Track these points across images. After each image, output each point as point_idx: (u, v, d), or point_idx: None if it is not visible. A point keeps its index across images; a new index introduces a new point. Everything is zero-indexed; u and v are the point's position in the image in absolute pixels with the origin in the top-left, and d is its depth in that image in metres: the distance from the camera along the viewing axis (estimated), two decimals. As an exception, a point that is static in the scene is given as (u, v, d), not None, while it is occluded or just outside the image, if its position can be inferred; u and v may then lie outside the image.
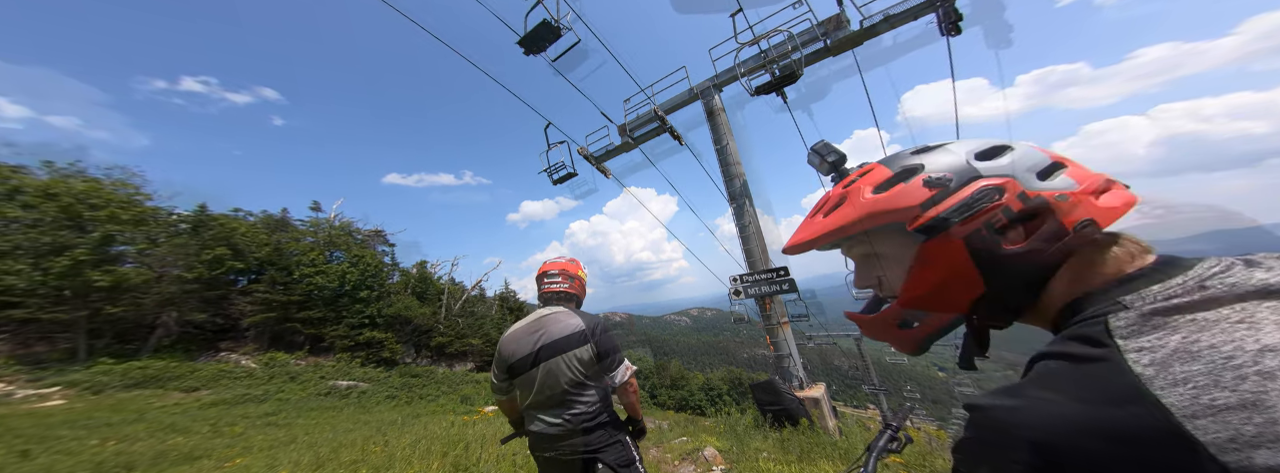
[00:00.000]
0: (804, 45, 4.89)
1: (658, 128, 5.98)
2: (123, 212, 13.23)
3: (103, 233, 12.62)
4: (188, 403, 9.21)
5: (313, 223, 21.15)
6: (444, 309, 23.11)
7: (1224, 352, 0.22)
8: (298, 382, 12.40)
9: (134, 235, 13.69)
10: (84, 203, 12.59)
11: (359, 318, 17.28)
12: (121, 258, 13.46)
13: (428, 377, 16.65)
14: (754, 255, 5.37)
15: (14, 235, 11.49)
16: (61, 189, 12.54)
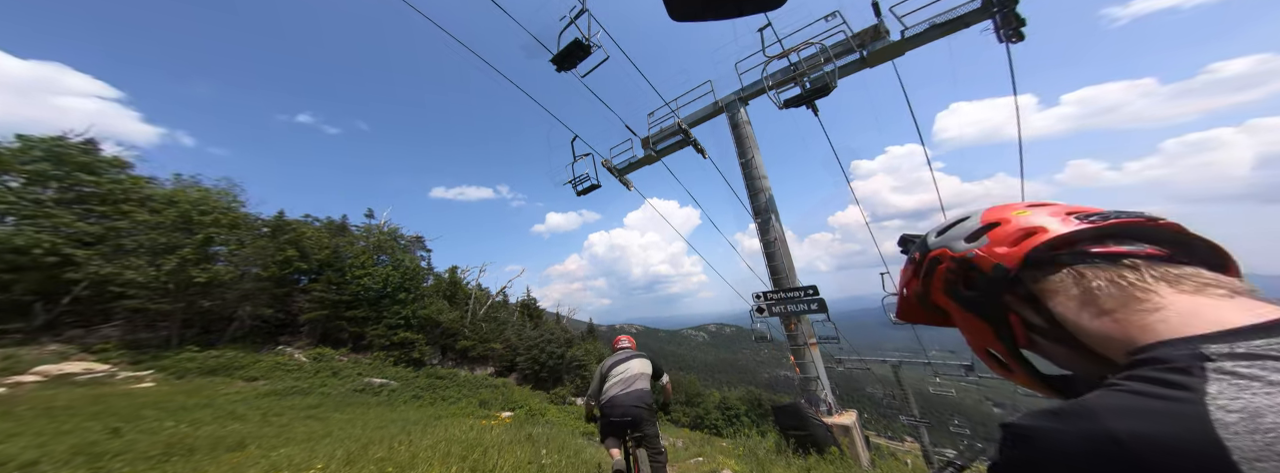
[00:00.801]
0: (837, 57, 4.79)
1: (681, 141, 6.08)
2: (223, 217, 15.70)
3: (205, 235, 15.02)
4: (247, 392, 10.50)
5: (365, 229, 23.52)
6: (470, 314, 24.44)
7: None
8: (339, 377, 13.65)
9: (228, 238, 16.10)
10: (196, 209, 15.12)
11: (396, 318, 18.76)
12: (216, 257, 15.83)
13: (451, 379, 17.55)
14: (780, 272, 5.22)
15: (140, 236, 13.99)
16: (181, 197, 15.20)
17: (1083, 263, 0.38)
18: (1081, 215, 0.42)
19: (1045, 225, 0.43)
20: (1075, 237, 0.40)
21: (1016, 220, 0.45)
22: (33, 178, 13.79)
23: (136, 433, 5.68)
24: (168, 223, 14.57)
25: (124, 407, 7.57)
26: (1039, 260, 0.40)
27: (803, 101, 4.90)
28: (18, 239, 11.81)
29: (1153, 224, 0.39)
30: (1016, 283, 0.41)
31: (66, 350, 11.27)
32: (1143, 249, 0.37)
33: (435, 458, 2.97)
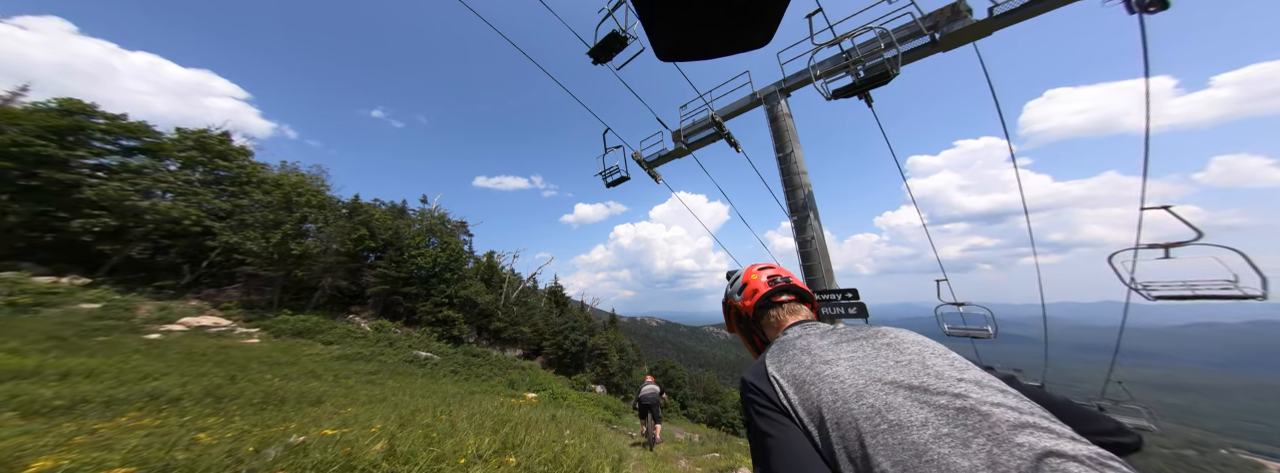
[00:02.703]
0: (902, 41, 4.34)
1: (714, 134, 5.94)
2: (314, 198, 18.58)
3: (301, 214, 17.93)
4: (324, 354, 12.55)
5: (420, 213, 26.22)
6: (504, 297, 26.42)
7: (777, 357, 0.72)
8: (393, 347, 15.72)
9: (317, 217, 19.01)
10: (295, 191, 18.07)
11: (441, 296, 20.93)
12: (307, 233, 18.80)
13: (484, 358, 19.34)
14: (816, 273, 4.97)
15: (256, 212, 17.02)
16: (285, 181, 18.21)
17: (770, 307, 0.90)
18: (773, 278, 0.93)
19: (758, 288, 0.92)
20: (769, 293, 0.90)
21: (752, 282, 0.94)
22: (186, 163, 17.34)
23: (246, 381, 7.12)
24: (275, 202, 17.60)
25: (239, 358, 9.48)
26: (757, 309, 0.91)
27: (855, 92, 4.48)
28: (174, 212, 15.04)
29: (790, 284, 0.91)
30: (751, 320, 0.93)
31: (202, 306, 14.29)
32: (788, 297, 0.90)
33: (471, 429, 3.16)
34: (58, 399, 4.02)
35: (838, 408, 0.54)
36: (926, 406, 0.50)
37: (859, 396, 0.54)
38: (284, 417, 4.11)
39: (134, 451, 2.00)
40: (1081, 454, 0.43)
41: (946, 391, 0.52)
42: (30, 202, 12.69)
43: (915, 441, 0.46)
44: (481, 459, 2.40)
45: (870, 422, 0.50)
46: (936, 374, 0.56)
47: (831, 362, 0.62)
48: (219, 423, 3.55)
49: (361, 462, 1.99)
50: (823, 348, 0.67)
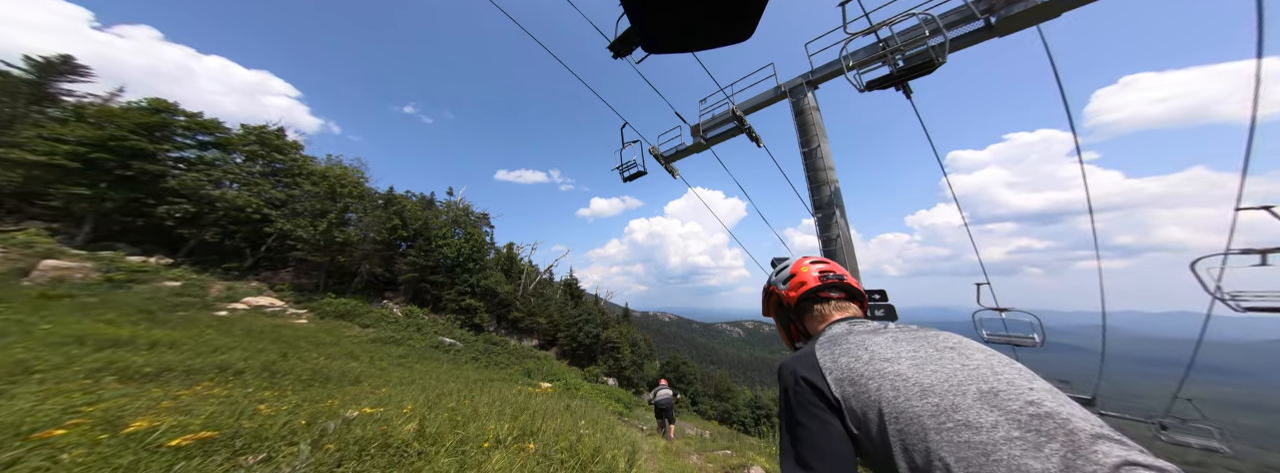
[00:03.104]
0: (950, 27, 4.07)
1: (734, 129, 5.84)
2: (355, 189, 20.07)
3: (344, 204, 19.44)
4: (361, 336, 13.68)
5: (447, 204, 27.56)
6: (521, 288, 27.42)
7: (827, 348, 0.75)
8: (421, 332, 16.84)
9: (358, 207, 20.53)
10: (339, 183, 19.59)
11: (465, 285, 22.08)
12: (348, 222, 20.35)
13: (503, 346, 20.29)
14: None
15: (306, 202, 18.62)
16: (330, 173, 19.77)
17: (817, 301, 0.93)
18: (823, 273, 0.94)
19: (806, 281, 0.94)
20: (818, 286, 0.93)
21: (800, 274, 0.96)
22: (249, 156, 19.21)
23: (297, 359, 7.92)
24: (322, 193, 19.16)
25: (290, 336, 10.55)
26: (800, 300, 0.95)
27: (892, 82, 4.21)
28: (239, 200, 16.76)
29: (841, 282, 0.93)
30: (792, 310, 0.96)
31: (261, 287, 15.93)
32: (836, 294, 0.93)
33: (491, 414, 3.28)
34: (147, 367, 4.68)
35: (899, 404, 0.55)
36: (996, 409, 0.50)
37: (923, 394, 0.55)
38: (328, 394, 4.41)
39: (211, 417, 2.22)
40: (1157, 466, 0.43)
41: (1019, 397, 0.52)
42: (125, 190, 14.59)
43: (984, 441, 0.47)
44: (502, 445, 2.50)
45: (935, 419, 0.51)
46: (1008, 382, 0.55)
47: (892, 359, 0.63)
48: (274, 396, 3.88)
49: (396, 440, 2.14)
50: (881, 345, 0.68)
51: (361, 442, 2.01)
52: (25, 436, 1.69)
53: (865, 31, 4.35)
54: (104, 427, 1.88)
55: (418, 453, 2.05)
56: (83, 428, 1.85)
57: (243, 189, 17.74)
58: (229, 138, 18.46)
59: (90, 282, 11.13)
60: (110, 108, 15.85)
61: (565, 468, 2.33)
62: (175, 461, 1.46)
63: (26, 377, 3.40)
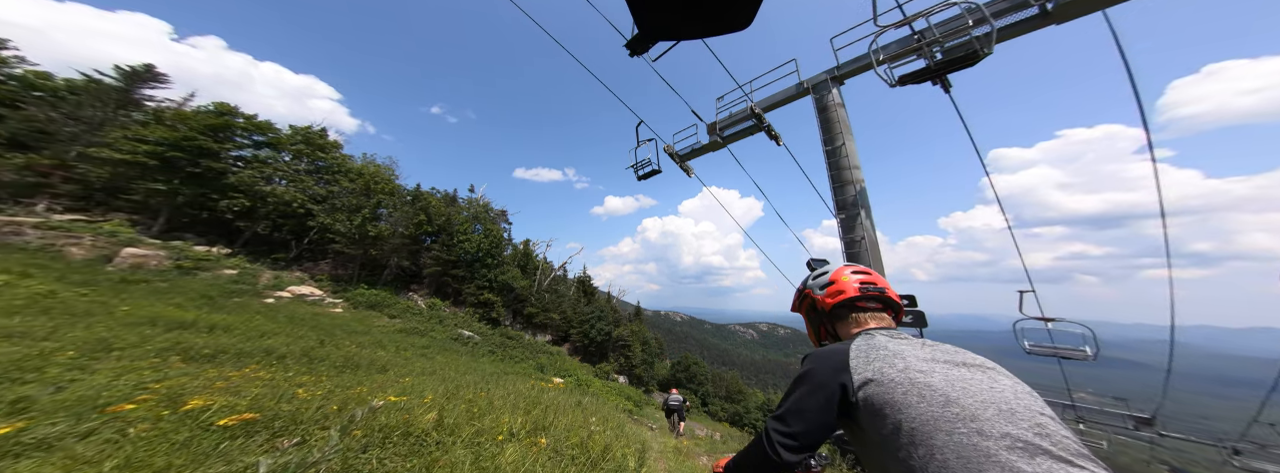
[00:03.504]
0: (998, 16, 3.82)
1: (752, 127, 5.73)
2: (387, 186, 21.39)
3: (377, 200, 20.76)
4: (389, 326, 14.59)
5: (468, 201, 28.71)
6: (537, 284, 28.16)
7: (861, 349, 0.82)
8: (443, 325, 17.71)
9: (389, 203, 21.85)
10: (373, 180, 20.94)
11: (483, 280, 22.98)
12: (380, 217, 21.70)
13: (518, 341, 20.97)
14: None
15: (344, 198, 20.03)
16: (365, 171, 21.17)
17: (851, 310, 0.99)
18: (864, 285, 0.99)
19: (845, 290, 1.00)
20: (856, 296, 0.98)
21: (839, 282, 1.02)
22: (296, 154, 20.90)
23: (332, 346, 8.58)
24: (357, 189, 20.56)
25: (327, 324, 11.43)
26: (836, 310, 1.01)
27: (930, 76, 3.95)
28: (286, 196, 18.28)
29: (881, 294, 0.98)
30: (826, 314, 1.03)
31: (303, 277, 17.32)
32: (873, 305, 0.98)
33: (506, 407, 3.35)
34: (206, 348, 5.24)
35: (922, 408, 0.64)
36: (1011, 425, 0.60)
37: (947, 404, 0.64)
38: (358, 381, 4.63)
39: (256, 399, 2.41)
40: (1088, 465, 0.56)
41: (1029, 419, 0.62)
42: (194, 185, 16.29)
43: (990, 446, 0.57)
44: (516, 438, 2.58)
45: (950, 424, 0.61)
46: (1026, 406, 0.65)
47: (925, 372, 0.71)
48: (311, 381, 4.17)
49: (417, 429, 2.24)
50: (917, 357, 0.76)
51: (386, 429, 2.13)
52: (101, 408, 1.90)
53: (898, 23, 4.14)
54: (166, 403, 2.09)
55: (436, 443, 2.15)
56: (149, 404, 2.04)
57: (290, 185, 19.33)
58: (279, 138, 20.14)
59: (162, 268, 12.55)
60: (183, 111, 17.71)
61: (576, 465, 2.35)
62: (222, 439, 1.63)
63: (107, 354, 3.89)
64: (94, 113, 16.08)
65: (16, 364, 2.71)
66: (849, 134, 5.06)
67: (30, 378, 2.47)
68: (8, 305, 5.46)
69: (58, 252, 11.42)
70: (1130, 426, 10.42)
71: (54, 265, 10.30)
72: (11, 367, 2.64)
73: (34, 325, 4.48)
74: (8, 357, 2.88)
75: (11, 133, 14.38)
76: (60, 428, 1.58)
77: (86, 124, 15.70)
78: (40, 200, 13.95)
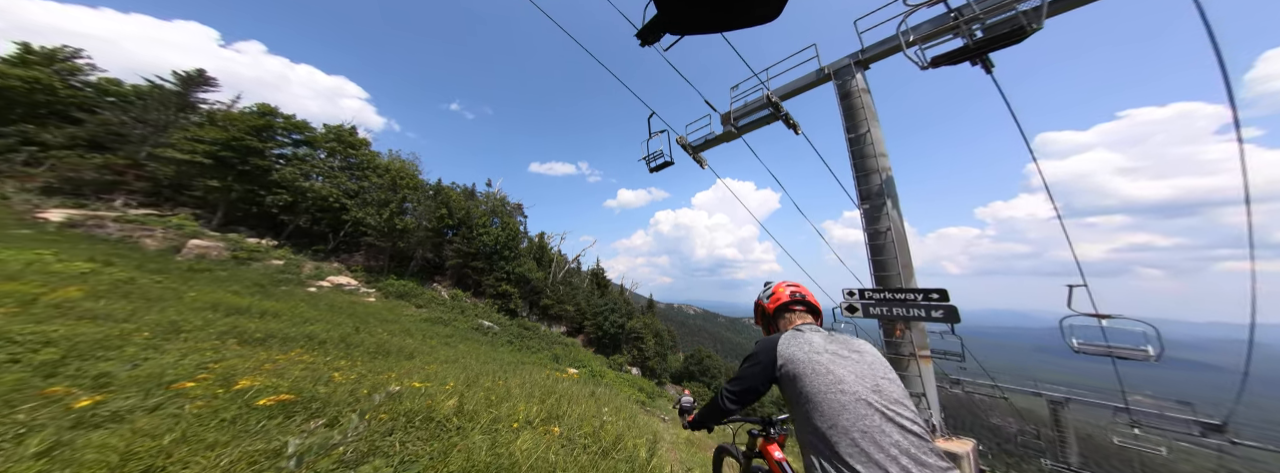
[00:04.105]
0: None
1: (769, 116, 5.59)
2: (411, 181, 22.47)
3: (403, 195, 21.88)
4: (416, 316, 15.59)
5: (486, 195, 29.63)
6: (552, 276, 28.93)
7: (787, 339, 1.21)
8: (465, 315, 18.70)
9: (414, 197, 22.98)
10: (399, 175, 22.04)
11: (502, 272, 23.90)
12: (406, 211, 22.88)
13: (534, 332, 21.83)
14: (890, 270, 4.55)
15: (373, 193, 21.24)
16: (392, 167, 22.29)
17: (786, 311, 1.41)
18: (793, 294, 1.41)
19: (781, 298, 1.42)
20: (788, 302, 1.41)
21: (777, 293, 1.45)
22: (330, 152, 22.27)
23: (366, 333, 9.33)
24: (385, 184, 21.73)
25: (361, 312, 12.39)
26: (774, 311, 1.43)
27: (969, 56, 3.67)
28: (323, 191, 19.62)
29: (804, 300, 1.41)
30: (769, 316, 1.46)
31: (340, 268, 18.69)
32: (799, 308, 1.41)
33: (522, 396, 3.42)
34: (258, 333, 5.84)
35: (814, 378, 1.03)
36: (860, 387, 1.00)
37: (828, 374, 1.04)
38: (388, 367, 4.92)
39: (295, 381, 2.65)
40: (916, 430, 0.94)
41: (872, 384, 1.03)
42: (245, 182, 17.77)
43: (846, 401, 0.96)
44: (530, 426, 2.70)
45: (827, 387, 1.00)
46: (874, 375, 1.06)
47: (821, 355, 1.10)
48: (347, 365, 4.46)
49: (438, 414, 2.38)
50: (820, 346, 1.14)
51: (409, 414, 2.31)
52: (167, 385, 2.13)
53: (930, 1, 3.91)
54: (221, 382, 2.37)
55: (456, 428, 2.29)
56: (207, 382, 2.24)
57: (326, 181, 20.70)
58: (314, 136, 21.47)
59: (221, 258, 13.94)
60: (232, 113, 19.20)
61: (588, 453, 2.41)
62: (264, 418, 1.84)
63: (176, 335, 4.43)
64: (158, 116, 17.75)
65: (100, 343, 3.06)
66: (874, 121, 4.90)
67: (112, 355, 2.80)
68: (94, 290, 6.25)
69: (135, 243, 12.93)
70: (1196, 432, 9.59)
71: (132, 255, 11.70)
72: (97, 345, 2.99)
73: (115, 308, 5.11)
74: (94, 336, 3.22)
75: (91, 135, 16.18)
76: (131, 402, 1.78)
77: (153, 127, 17.38)
78: (118, 196, 15.74)
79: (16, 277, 6.22)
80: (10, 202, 12.55)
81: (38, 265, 7.60)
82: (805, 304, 1.40)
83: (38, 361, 2.48)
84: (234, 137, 17.35)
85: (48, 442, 1.25)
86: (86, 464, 1.15)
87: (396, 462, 1.63)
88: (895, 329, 4.40)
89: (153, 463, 1.22)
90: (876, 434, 0.89)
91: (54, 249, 9.27)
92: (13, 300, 4.43)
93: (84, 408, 1.67)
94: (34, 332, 3.09)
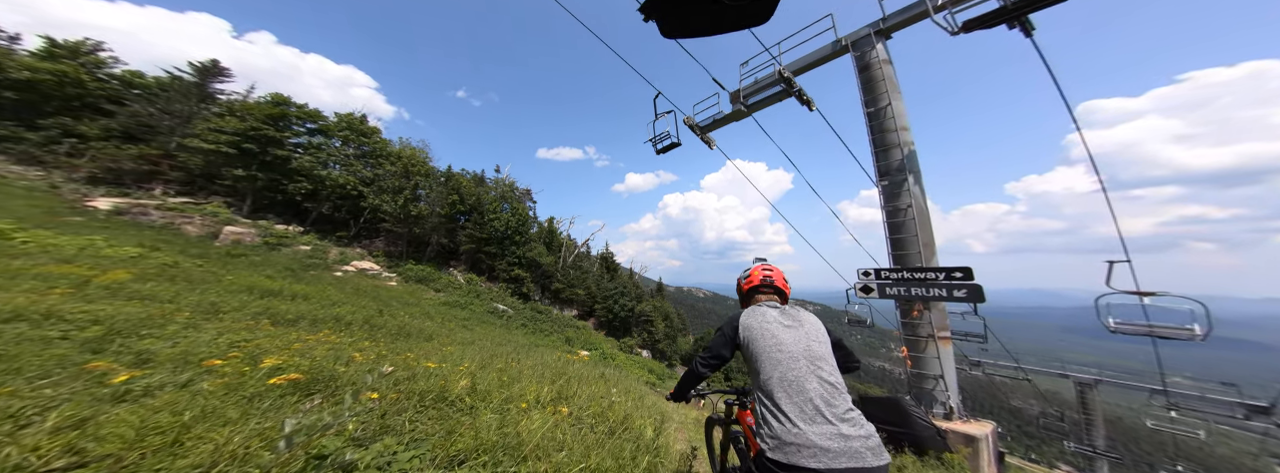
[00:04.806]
0: None
1: (781, 92, 5.37)
2: (423, 168, 22.76)
3: (416, 182, 22.27)
4: (434, 300, 16.29)
5: (496, 181, 29.81)
6: (562, 261, 29.43)
7: (748, 313, 1.54)
8: (480, 299, 19.42)
9: (426, 184, 23.37)
10: (410, 162, 22.33)
11: (513, 257, 24.46)
12: (420, 198, 23.37)
13: (546, 315, 22.55)
14: (909, 249, 4.41)
15: (388, 181, 21.69)
16: (404, 154, 22.56)
17: (757, 292, 1.70)
18: (763, 278, 1.68)
19: (754, 280, 1.69)
20: (758, 284, 1.68)
21: (753, 276, 1.71)
22: (343, 140, 22.65)
23: (387, 315, 9.85)
24: (398, 172, 22.11)
25: (384, 295, 13.01)
26: (748, 292, 1.72)
27: (1006, 17, 3.38)
28: (341, 179, 20.17)
29: (771, 283, 1.67)
30: (744, 294, 1.75)
31: (362, 253, 19.50)
32: (766, 289, 1.69)
33: (533, 377, 3.50)
34: (289, 314, 6.23)
35: (763, 342, 1.34)
36: (795, 348, 1.30)
37: (773, 338, 1.34)
38: (408, 348, 5.16)
39: (318, 360, 2.78)
40: (832, 381, 1.24)
41: (805, 346, 1.32)
42: (268, 171, 18.40)
43: (782, 358, 1.27)
44: (540, 405, 2.79)
45: (772, 350, 1.31)
46: (808, 338, 1.36)
47: (770, 323, 1.42)
48: (369, 346, 4.71)
49: (451, 394, 2.49)
50: (770, 317, 1.45)
51: (423, 393, 2.41)
52: (198, 362, 2.24)
53: None
54: (248, 361, 2.51)
55: (469, 408, 2.38)
56: (235, 360, 2.33)
57: (343, 170, 21.21)
58: (328, 125, 21.79)
59: (254, 244, 14.75)
60: (248, 103, 19.60)
61: (594, 433, 2.46)
62: (280, 396, 1.94)
63: (215, 316, 4.77)
64: (182, 107, 18.31)
65: (145, 322, 3.26)
66: (896, 93, 4.60)
67: (155, 334, 2.99)
68: (143, 273, 6.75)
69: (177, 229, 13.79)
70: (1239, 414, 9.10)
71: (175, 241, 12.50)
72: (142, 323, 3.19)
73: (161, 290, 5.52)
74: (140, 315, 3.46)
75: (123, 127, 16.92)
76: (161, 378, 1.88)
77: (178, 118, 18.00)
78: (156, 185, 16.65)
79: (70, 260, 6.75)
80: (61, 191, 13.47)
81: (90, 250, 8.22)
82: (772, 287, 1.68)
83: (83, 338, 2.67)
84: (252, 127, 17.79)
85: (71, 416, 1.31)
86: (105, 439, 1.19)
87: (406, 440, 1.66)
88: (913, 310, 4.25)
89: (173, 438, 1.26)
90: (803, 382, 1.20)
91: (104, 235, 10.00)
92: (67, 282, 4.81)
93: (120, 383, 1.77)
94: (83, 311, 3.33)
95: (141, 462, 1.14)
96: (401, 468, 1.42)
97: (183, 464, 1.15)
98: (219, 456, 1.19)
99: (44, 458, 1.07)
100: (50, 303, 3.41)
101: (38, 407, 1.38)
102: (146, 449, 1.19)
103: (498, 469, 1.62)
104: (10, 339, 2.38)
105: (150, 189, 16.38)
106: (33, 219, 10.18)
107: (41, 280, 4.69)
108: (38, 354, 2.13)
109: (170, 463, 1.15)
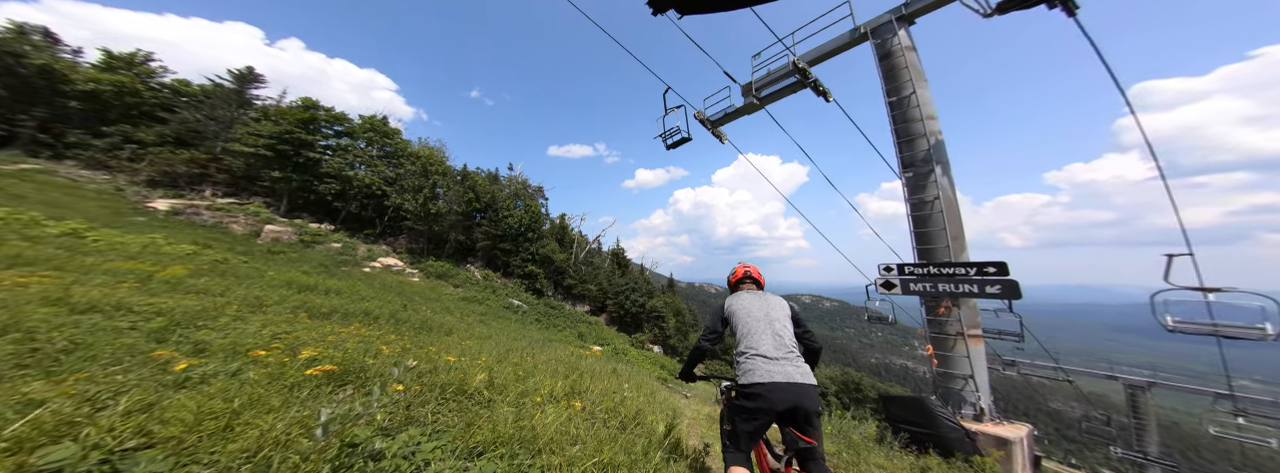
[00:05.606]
0: None
1: (795, 83, 5.19)
2: (440, 167, 23.53)
3: (434, 181, 23.07)
4: (454, 295, 16.93)
5: (509, 179, 30.37)
6: (574, 257, 29.81)
7: (732, 298, 2.18)
8: (496, 294, 20.02)
9: (443, 183, 24.16)
10: (429, 162, 23.13)
11: (527, 253, 25.00)
12: (438, 197, 24.20)
13: (559, 310, 23.01)
14: (936, 243, 4.23)
15: (408, 180, 22.55)
16: (422, 154, 23.37)
17: (741, 283, 2.38)
18: (744, 274, 2.38)
19: (737, 275, 2.41)
20: (741, 277, 2.39)
21: (737, 272, 2.42)
22: (368, 141, 23.69)
23: (411, 310, 10.33)
24: (417, 171, 22.95)
25: (409, 291, 13.64)
26: (735, 283, 2.40)
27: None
28: (366, 179, 21.17)
29: (750, 276, 2.37)
30: (733, 285, 2.41)
31: (387, 250, 20.46)
32: (747, 281, 2.37)
33: (547, 372, 3.55)
34: (323, 308, 6.60)
35: (741, 316, 1.95)
36: (763, 323, 1.89)
37: (748, 313, 1.95)
38: (430, 341, 5.29)
39: (349, 352, 2.92)
40: (784, 336, 1.88)
41: (768, 317, 1.93)
42: (301, 173, 19.53)
43: (750, 322, 1.91)
44: (554, 400, 2.85)
45: (748, 321, 1.92)
46: (774, 310, 1.97)
47: (747, 301, 2.02)
48: (395, 339, 4.87)
49: (469, 387, 2.58)
50: (747, 299, 2.04)
51: (443, 386, 2.52)
52: (245, 353, 2.40)
53: None
54: (288, 352, 2.68)
55: (487, 401, 2.47)
56: (278, 351, 2.47)
57: (368, 170, 22.23)
58: (353, 127, 22.80)
59: (291, 242, 15.75)
60: (282, 107, 20.78)
61: (607, 428, 2.51)
62: (316, 385, 2.09)
63: (259, 309, 5.09)
64: (224, 113, 19.64)
65: (200, 314, 3.48)
66: (921, 80, 4.38)
67: (210, 325, 3.18)
68: (197, 269, 7.32)
69: (225, 228, 14.92)
70: None
71: (224, 239, 13.53)
72: (198, 315, 3.42)
73: (212, 285, 5.93)
74: (196, 308, 3.67)
75: (175, 133, 18.34)
76: (215, 367, 2.01)
77: (221, 123, 19.33)
78: (206, 187, 18.02)
79: (135, 257, 7.43)
80: (125, 194, 14.81)
81: (151, 248, 9.02)
82: (752, 279, 2.31)
83: (148, 328, 2.95)
84: (286, 130, 18.86)
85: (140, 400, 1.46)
86: (169, 422, 1.32)
87: (429, 431, 1.75)
88: (939, 307, 4.06)
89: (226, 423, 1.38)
90: (759, 336, 1.80)
91: (163, 233, 10.94)
92: (133, 277, 5.30)
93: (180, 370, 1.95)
94: (148, 304, 3.67)
95: (199, 445, 1.26)
96: (424, 458, 1.49)
97: (233, 448, 1.25)
98: (264, 441, 1.29)
99: (118, 438, 1.19)
100: (119, 296, 3.73)
101: (111, 391, 1.53)
102: (203, 433, 1.31)
103: (514, 462, 1.66)
104: (87, 329, 2.61)
105: (201, 190, 17.74)
106: (101, 219, 11.25)
107: (111, 275, 5.15)
108: (110, 343, 2.34)
109: (222, 446, 1.26)
